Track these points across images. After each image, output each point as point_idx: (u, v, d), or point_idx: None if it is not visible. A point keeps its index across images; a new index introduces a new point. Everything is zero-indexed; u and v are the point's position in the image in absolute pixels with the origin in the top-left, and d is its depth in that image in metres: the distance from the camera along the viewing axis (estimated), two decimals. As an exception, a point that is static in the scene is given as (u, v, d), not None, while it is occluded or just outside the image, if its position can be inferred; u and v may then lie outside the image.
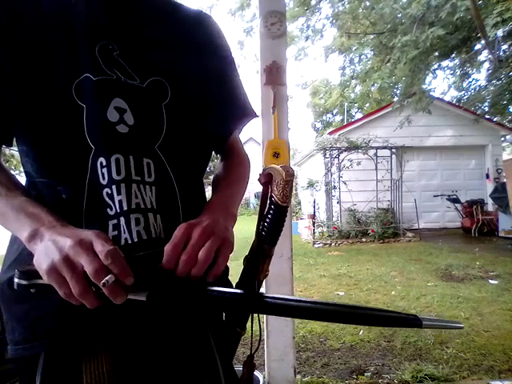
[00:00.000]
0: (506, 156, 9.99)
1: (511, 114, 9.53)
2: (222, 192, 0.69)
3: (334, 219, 8.43)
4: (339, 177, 8.32)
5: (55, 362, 0.56)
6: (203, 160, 0.72)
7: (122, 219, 0.56)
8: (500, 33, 6.07)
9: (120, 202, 0.55)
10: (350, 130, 9.09)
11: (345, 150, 8.32)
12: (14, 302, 0.57)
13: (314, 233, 8.04)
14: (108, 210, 0.56)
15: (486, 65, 8.28)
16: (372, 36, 8.92)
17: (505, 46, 7.02)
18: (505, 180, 8.29)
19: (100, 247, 0.46)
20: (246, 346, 2.46)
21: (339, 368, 2.34)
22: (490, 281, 4.36)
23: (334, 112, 22.59)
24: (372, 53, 9.97)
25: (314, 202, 8.55)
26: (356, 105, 20.69)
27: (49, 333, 0.55)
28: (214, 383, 0.64)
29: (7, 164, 3.85)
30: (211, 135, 0.72)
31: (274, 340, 1.96)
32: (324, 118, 23.71)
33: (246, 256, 0.59)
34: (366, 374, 2.26)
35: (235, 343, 0.65)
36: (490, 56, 7.04)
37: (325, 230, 8.40)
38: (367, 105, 19.27)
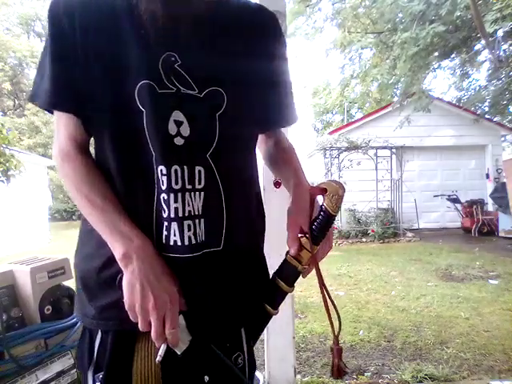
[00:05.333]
0: (506, 156, 10.00)
1: (511, 114, 9.53)
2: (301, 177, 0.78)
3: (334, 219, 8.43)
4: (339, 177, 8.31)
5: (112, 339, 0.67)
6: (250, 160, 0.77)
7: (175, 224, 0.63)
8: (500, 32, 6.07)
9: (176, 208, 0.63)
10: (349, 129, 9.09)
11: (345, 150, 8.32)
12: (94, 286, 0.68)
13: (314, 233, 8.03)
14: (162, 211, 0.64)
15: (486, 65, 8.28)
16: (372, 36, 8.92)
17: (505, 46, 7.02)
18: (505, 180, 8.30)
19: (168, 324, 0.60)
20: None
21: (339, 368, 2.34)
22: (490, 281, 4.36)
23: (334, 112, 22.58)
24: (372, 52, 9.97)
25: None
26: (356, 105, 20.68)
27: (111, 318, 0.67)
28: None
29: (7, 164, 3.86)
30: (256, 135, 0.79)
31: (274, 340, 1.96)
32: (324, 117, 23.69)
33: (288, 251, 0.70)
34: (366, 374, 2.25)
35: (264, 322, 0.74)
36: (490, 56, 7.04)
37: (325, 229, 8.39)
38: (367, 104, 19.27)
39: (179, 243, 0.64)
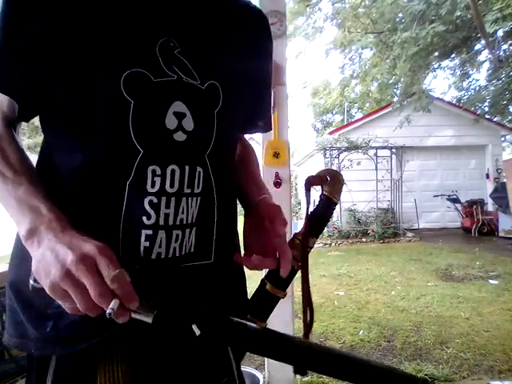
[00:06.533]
0: (506, 156, 10.01)
1: (511, 114, 9.54)
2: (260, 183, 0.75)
3: (334, 219, 8.42)
4: (339, 177, 8.32)
5: (68, 363, 0.54)
6: (233, 164, 0.71)
7: (163, 233, 0.54)
8: (500, 32, 6.08)
9: (167, 215, 0.53)
10: (349, 129, 9.09)
11: (345, 150, 8.32)
12: (28, 301, 0.55)
13: (313, 233, 8.03)
14: (144, 218, 0.53)
15: (486, 65, 8.29)
16: (372, 36, 8.93)
17: (505, 46, 7.03)
18: (505, 180, 8.29)
19: (105, 270, 0.43)
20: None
21: (339, 368, 2.34)
22: (490, 281, 4.36)
23: (334, 112, 22.58)
24: (372, 52, 9.99)
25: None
26: (356, 105, 20.69)
27: (61, 339, 0.53)
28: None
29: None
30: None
31: (274, 340, 1.96)
32: (324, 117, 23.70)
33: None
34: (366, 373, 2.26)
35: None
36: (490, 56, 7.05)
37: (325, 229, 8.40)
38: (367, 104, 19.28)
39: (163, 256, 0.54)
